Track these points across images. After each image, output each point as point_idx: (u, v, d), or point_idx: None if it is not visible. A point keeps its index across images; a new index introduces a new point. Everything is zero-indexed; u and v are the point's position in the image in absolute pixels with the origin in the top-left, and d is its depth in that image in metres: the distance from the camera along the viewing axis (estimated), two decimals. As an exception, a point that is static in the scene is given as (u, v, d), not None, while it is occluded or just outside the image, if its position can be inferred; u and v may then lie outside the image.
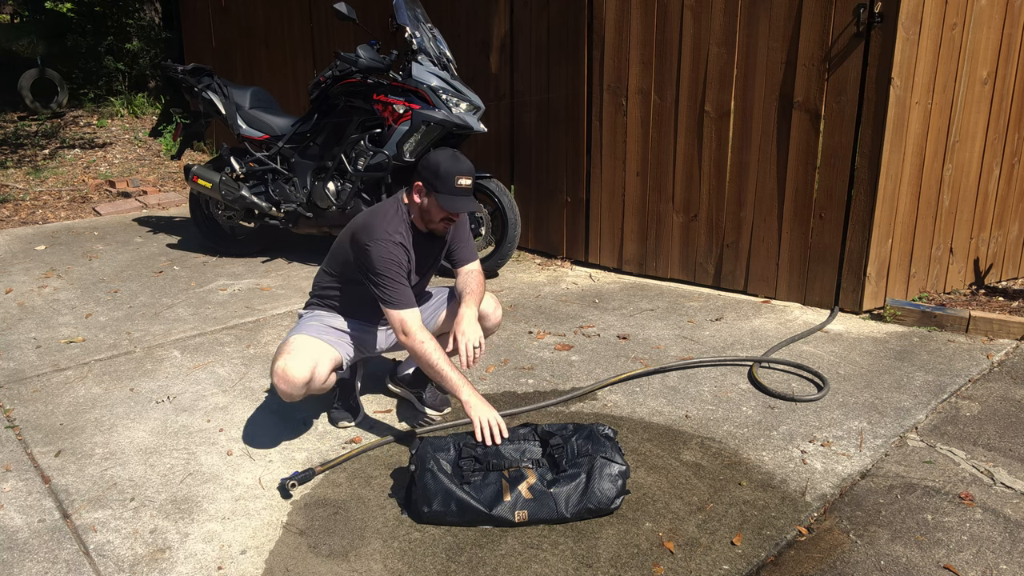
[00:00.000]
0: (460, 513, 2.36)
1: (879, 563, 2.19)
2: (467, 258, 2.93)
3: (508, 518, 2.35)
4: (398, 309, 2.63)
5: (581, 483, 2.37)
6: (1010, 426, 2.91)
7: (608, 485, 2.37)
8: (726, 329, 3.88)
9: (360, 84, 4.50)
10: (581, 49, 4.62)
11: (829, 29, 3.74)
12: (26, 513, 2.48)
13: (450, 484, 2.36)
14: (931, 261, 4.15)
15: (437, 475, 2.37)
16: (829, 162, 3.89)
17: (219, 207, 5.10)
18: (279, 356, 2.67)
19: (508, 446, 2.48)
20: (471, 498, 2.36)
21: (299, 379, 2.62)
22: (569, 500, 2.36)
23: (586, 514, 2.38)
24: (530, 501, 2.36)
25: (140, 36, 9.09)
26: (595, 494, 2.36)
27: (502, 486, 2.39)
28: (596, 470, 2.38)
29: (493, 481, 2.40)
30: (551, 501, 2.36)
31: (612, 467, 2.39)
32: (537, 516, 2.36)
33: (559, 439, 2.48)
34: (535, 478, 2.40)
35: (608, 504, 2.37)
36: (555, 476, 2.40)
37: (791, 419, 3.00)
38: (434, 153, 2.68)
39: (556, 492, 2.36)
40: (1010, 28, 3.93)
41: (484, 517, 2.35)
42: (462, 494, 2.36)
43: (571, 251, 5.03)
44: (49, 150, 7.89)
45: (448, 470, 2.40)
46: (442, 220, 2.70)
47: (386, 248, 2.64)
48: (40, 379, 3.41)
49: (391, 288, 2.63)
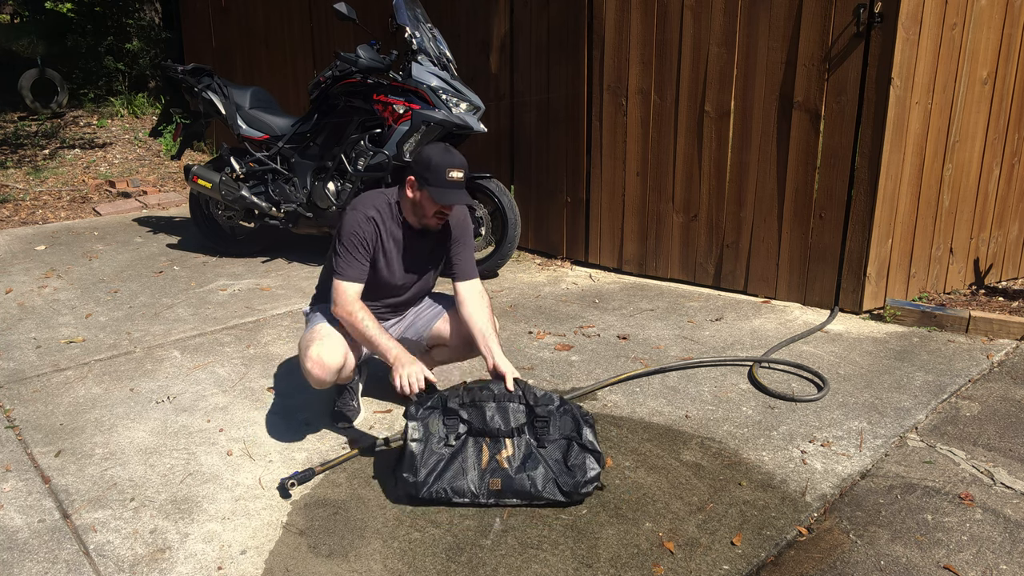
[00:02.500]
0: (439, 477, 2.47)
1: (879, 563, 2.19)
2: (468, 273, 2.88)
3: (483, 486, 2.47)
4: (341, 279, 2.70)
5: (557, 465, 2.48)
6: (1010, 426, 2.91)
7: (580, 472, 2.47)
8: (726, 329, 3.88)
9: (360, 84, 4.50)
10: (581, 49, 4.62)
11: (829, 29, 3.74)
12: (26, 513, 2.48)
13: (430, 451, 2.49)
14: (931, 261, 4.15)
15: (420, 443, 2.49)
16: (829, 162, 3.89)
17: (219, 207, 5.10)
18: (311, 343, 2.70)
19: (493, 405, 2.56)
20: (450, 462, 2.49)
21: (335, 364, 2.68)
22: (545, 479, 2.47)
23: (557, 494, 2.47)
24: (505, 471, 2.47)
25: (140, 36, 9.09)
26: (567, 480, 2.46)
27: (482, 451, 2.51)
28: (573, 456, 2.49)
29: (473, 446, 2.52)
30: (525, 477, 2.47)
31: (589, 458, 2.48)
32: (510, 487, 2.46)
33: (545, 413, 2.55)
34: (512, 450, 2.51)
35: (578, 491, 2.46)
36: (533, 452, 2.51)
37: (791, 419, 3.00)
38: (426, 147, 2.69)
39: (532, 471, 2.48)
40: (1010, 28, 3.93)
41: (461, 481, 2.47)
42: (439, 461, 2.49)
43: (571, 251, 5.03)
44: (49, 150, 7.89)
45: (430, 434, 2.51)
46: (435, 215, 2.70)
47: (355, 219, 2.70)
48: (40, 379, 3.41)
49: (344, 258, 2.70)
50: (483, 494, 2.46)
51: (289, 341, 3.78)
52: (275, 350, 3.68)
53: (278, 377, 3.41)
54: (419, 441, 2.48)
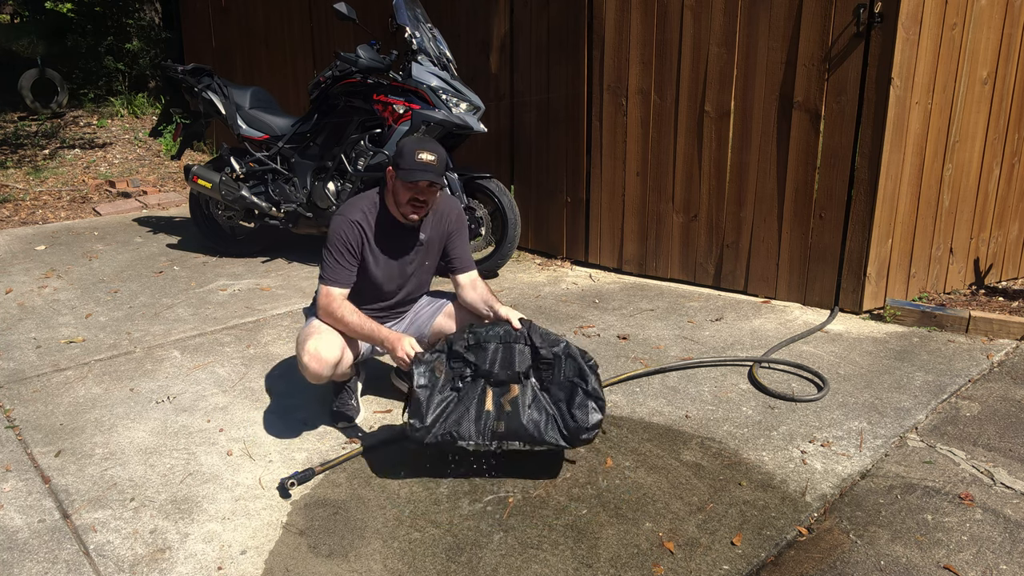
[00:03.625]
0: (444, 421, 2.49)
1: (879, 563, 2.19)
2: (465, 265, 2.94)
3: (487, 429, 2.49)
4: (326, 284, 2.74)
5: (561, 410, 2.51)
6: (1010, 426, 2.91)
7: (582, 417, 2.48)
8: (726, 329, 3.88)
9: (360, 84, 4.50)
10: (581, 49, 4.62)
11: (829, 29, 3.74)
12: (26, 513, 2.47)
13: (437, 396, 2.51)
14: (931, 261, 4.14)
15: (426, 389, 2.51)
16: (829, 162, 3.89)
17: (219, 207, 5.10)
18: (308, 338, 2.71)
19: (500, 347, 2.57)
20: (456, 406, 2.51)
21: (331, 359, 2.69)
22: (548, 424, 2.50)
23: (559, 439, 2.49)
24: (509, 414, 2.49)
25: (140, 36, 9.09)
26: (570, 425, 2.49)
27: (487, 394, 2.52)
28: (577, 401, 2.50)
29: (479, 388, 2.53)
30: (529, 421, 2.49)
31: (592, 404, 2.50)
32: (513, 430, 2.48)
33: (550, 355, 2.55)
34: (517, 392, 2.53)
35: (579, 436, 2.49)
36: (538, 395, 2.54)
37: (791, 419, 3.00)
38: (405, 139, 2.72)
39: (536, 414, 2.50)
40: (1010, 28, 3.93)
41: (466, 424, 2.48)
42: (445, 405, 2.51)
43: (571, 251, 5.03)
44: (49, 150, 7.89)
45: (436, 379, 2.52)
46: (409, 201, 2.70)
47: (340, 223, 2.73)
48: (40, 379, 3.41)
49: (329, 263, 2.73)
50: (487, 436, 2.48)
51: (289, 341, 3.78)
52: (275, 350, 3.68)
53: (278, 377, 3.41)
54: (425, 387, 2.49)
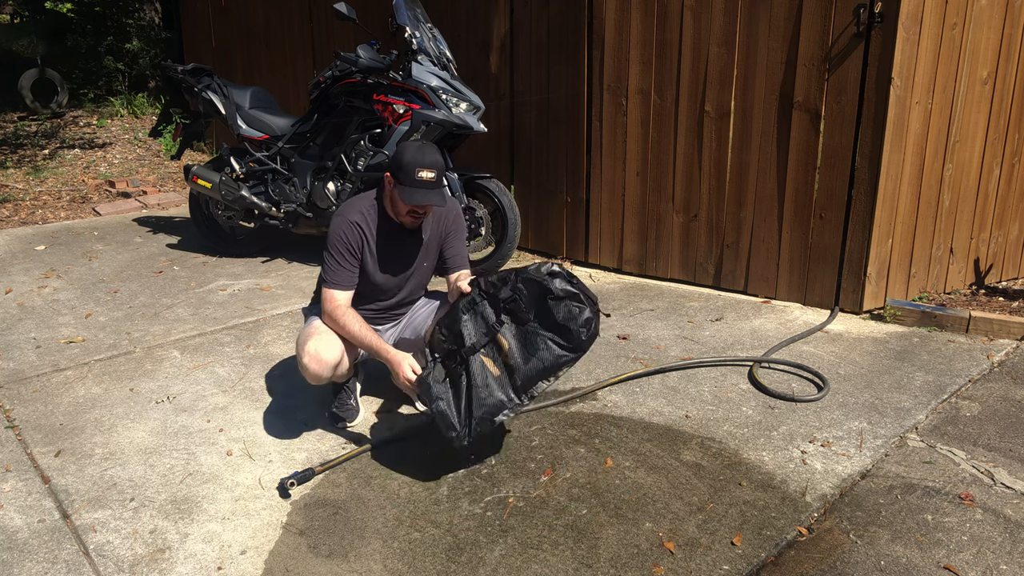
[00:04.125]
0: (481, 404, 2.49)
1: (879, 563, 2.19)
2: (460, 264, 2.94)
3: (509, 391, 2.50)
4: (329, 288, 2.73)
5: (551, 329, 2.51)
6: (1010, 426, 2.91)
7: (569, 319, 2.50)
8: (726, 329, 3.88)
9: (360, 84, 4.49)
10: (581, 49, 4.62)
11: (829, 29, 3.74)
12: (26, 513, 2.47)
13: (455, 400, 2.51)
14: (931, 261, 4.14)
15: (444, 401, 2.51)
16: (829, 162, 3.89)
17: (219, 207, 5.10)
18: (308, 339, 2.71)
19: (467, 317, 2.58)
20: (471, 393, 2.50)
21: (331, 360, 2.70)
22: (549, 349, 2.50)
23: (567, 354, 2.50)
24: (515, 365, 2.51)
25: (140, 36, 9.09)
26: (567, 335, 2.49)
27: (486, 365, 2.53)
28: (557, 312, 2.50)
29: (478, 365, 2.54)
30: (534, 359, 2.50)
31: (571, 305, 2.50)
32: (528, 376, 2.50)
33: (507, 295, 2.56)
34: (507, 343, 2.53)
35: (580, 339, 2.49)
36: (525, 332, 2.54)
37: (791, 419, 2.99)
38: (403, 144, 2.70)
39: (536, 349, 2.51)
40: (1010, 28, 3.93)
41: (490, 401, 2.49)
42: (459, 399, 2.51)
43: (571, 251, 5.03)
44: (49, 150, 7.89)
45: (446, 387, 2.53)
46: (408, 213, 2.70)
47: (339, 225, 2.72)
48: (40, 379, 3.41)
49: (331, 265, 2.73)
50: (514, 396, 2.51)
51: (289, 341, 3.78)
52: (275, 350, 3.68)
53: (278, 377, 3.41)
54: (443, 400, 2.51)
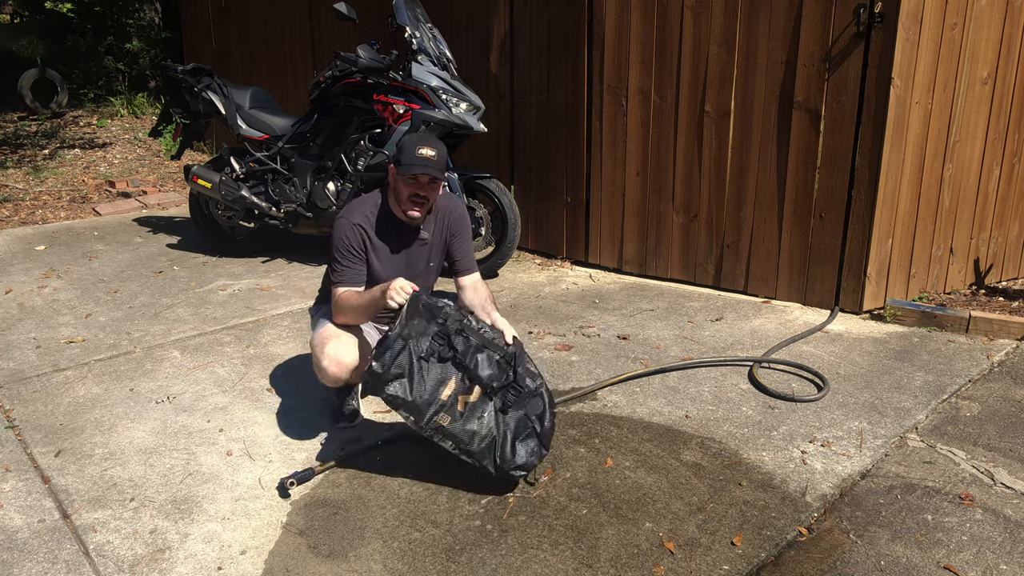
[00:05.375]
0: (405, 383, 2.44)
1: (879, 563, 2.19)
2: (468, 267, 2.93)
3: (432, 415, 2.44)
4: (338, 286, 2.73)
5: (504, 438, 2.49)
6: (1010, 426, 2.91)
7: (521, 453, 2.50)
8: (726, 329, 3.88)
9: (360, 84, 4.50)
10: (581, 49, 4.62)
11: (829, 29, 3.74)
12: (26, 513, 2.47)
13: (407, 356, 2.46)
14: (931, 261, 4.14)
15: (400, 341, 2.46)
16: (829, 162, 3.89)
17: (219, 207, 5.10)
18: (327, 341, 2.71)
19: (487, 353, 2.56)
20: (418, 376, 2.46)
21: (351, 362, 2.70)
22: (484, 441, 2.47)
23: (488, 463, 2.48)
24: (459, 414, 2.47)
25: (140, 36, 9.09)
26: (507, 454, 2.48)
27: (449, 383, 2.49)
28: (523, 436, 2.52)
29: (449, 374, 2.50)
30: (471, 431, 2.46)
31: (531, 444, 2.53)
32: (453, 431, 2.45)
33: (524, 388, 2.56)
34: (476, 399, 2.50)
35: (508, 470, 2.48)
36: (492, 412, 2.51)
37: (791, 419, 2.99)
38: (406, 137, 2.73)
39: (479, 428, 2.47)
40: (1010, 28, 3.93)
41: (419, 400, 2.44)
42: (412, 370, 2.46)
43: (571, 251, 5.03)
44: (49, 150, 7.89)
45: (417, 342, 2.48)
46: (410, 197, 2.69)
47: (342, 227, 2.73)
48: (40, 379, 3.41)
49: (337, 268, 2.73)
50: (429, 422, 2.44)
51: (289, 341, 3.78)
52: (275, 350, 3.68)
53: (278, 377, 3.41)
54: (401, 338, 2.46)
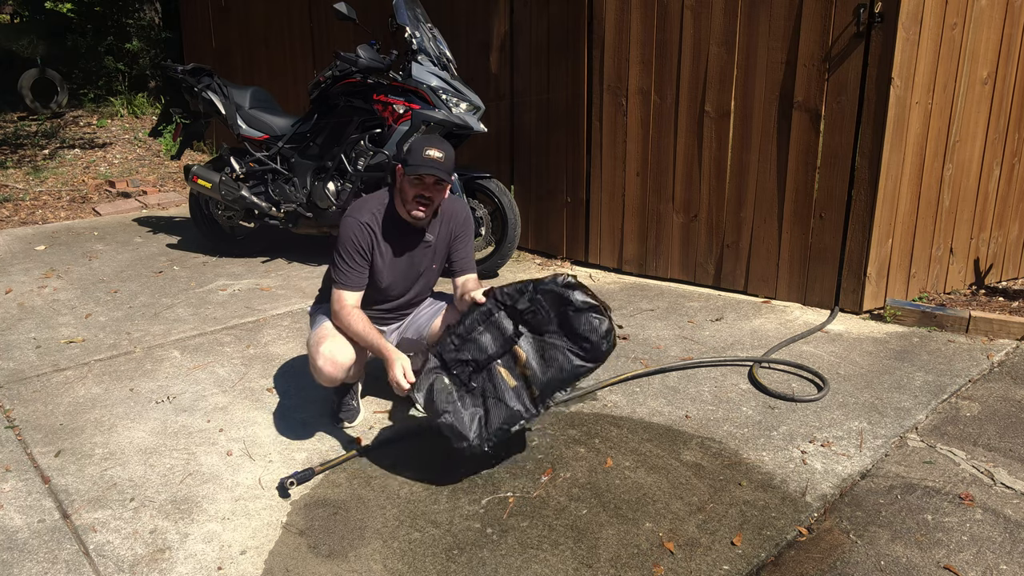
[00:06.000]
0: (489, 423, 2.48)
1: (879, 563, 2.19)
2: (466, 268, 2.95)
3: (525, 402, 2.49)
4: (339, 288, 2.74)
5: (570, 340, 2.52)
6: (1010, 426, 2.91)
7: (589, 331, 2.50)
8: (726, 329, 3.88)
9: (360, 84, 4.49)
10: (581, 49, 4.62)
11: (829, 29, 3.74)
12: (26, 513, 2.47)
13: (463, 410, 2.49)
14: (931, 261, 4.14)
15: (450, 415, 2.48)
16: (829, 162, 3.89)
17: (219, 207, 5.10)
18: (322, 341, 2.72)
19: (482, 329, 2.57)
20: (487, 405, 2.50)
21: (346, 362, 2.71)
22: (567, 360, 2.50)
23: (586, 364, 2.50)
24: (532, 376, 2.51)
25: (140, 36, 9.09)
26: (585, 347, 2.50)
27: (502, 375, 2.53)
28: (577, 323, 2.51)
29: (493, 374, 2.53)
30: (552, 370, 2.50)
31: (591, 316, 2.52)
32: (546, 387, 2.49)
33: (526, 305, 2.56)
34: (525, 354, 2.53)
35: (600, 351, 2.50)
36: (543, 343, 2.54)
37: (791, 419, 2.99)
38: (414, 138, 2.73)
39: (553, 360, 2.50)
40: (1010, 28, 3.93)
41: (506, 413, 2.49)
42: (475, 412, 2.50)
43: (571, 251, 5.03)
44: (49, 150, 7.89)
45: (449, 393, 2.51)
46: (415, 198, 2.70)
47: (350, 225, 2.74)
48: (40, 379, 3.41)
49: (340, 267, 2.74)
50: (531, 407, 2.50)
51: (289, 341, 3.78)
52: (275, 350, 3.68)
53: (278, 377, 3.41)
54: (448, 413, 2.48)
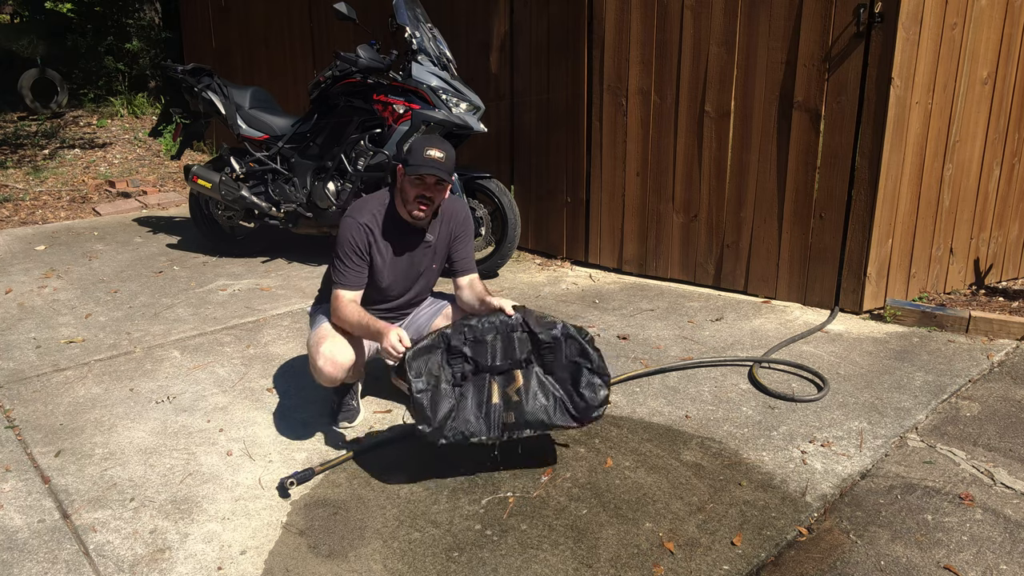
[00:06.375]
0: (455, 423, 2.46)
1: (879, 563, 2.19)
2: (467, 268, 2.95)
3: (496, 421, 2.47)
4: (337, 288, 2.74)
5: (567, 391, 2.52)
6: (1010, 426, 2.91)
7: (591, 395, 2.50)
8: (726, 329, 3.88)
9: (360, 84, 4.49)
10: (581, 49, 4.62)
11: (829, 29, 3.74)
12: (26, 513, 2.47)
13: (440, 397, 2.47)
14: (931, 261, 4.14)
15: (425, 393, 2.46)
16: (829, 162, 3.89)
17: (219, 207, 5.10)
18: (322, 341, 2.72)
19: (497, 338, 2.55)
20: (462, 404, 2.49)
21: (346, 362, 2.71)
22: (556, 407, 2.50)
23: (569, 420, 2.51)
24: (518, 404, 2.48)
25: (140, 36, 9.09)
26: (579, 404, 2.50)
27: (491, 387, 2.50)
28: (583, 381, 2.52)
29: (482, 383, 2.51)
30: (538, 408, 2.49)
31: (598, 381, 2.52)
32: (523, 418, 2.47)
33: (549, 338, 2.55)
34: (522, 381, 2.52)
35: (589, 415, 2.50)
36: (543, 380, 2.54)
37: (791, 419, 2.99)
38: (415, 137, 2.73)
39: (544, 400, 2.50)
40: (1010, 28, 3.93)
41: (474, 421, 2.47)
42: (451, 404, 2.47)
43: (571, 251, 5.03)
44: (49, 150, 7.89)
45: (436, 379, 2.48)
46: (416, 199, 2.70)
47: (348, 226, 2.74)
48: (40, 379, 3.41)
49: (339, 267, 2.74)
50: (498, 428, 2.47)
51: (289, 341, 3.78)
52: (275, 350, 3.68)
53: (278, 377, 3.41)
54: (425, 391, 2.47)
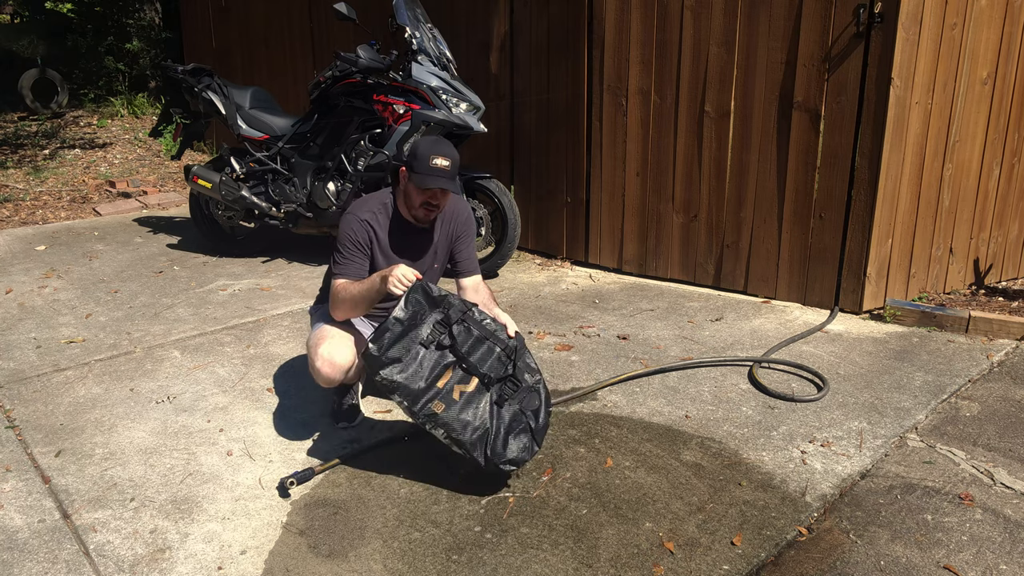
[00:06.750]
0: (399, 366, 2.44)
1: (879, 563, 2.19)
2: (470, 269, 2.95)
3: (426, 402, 2.44)
4: (338, 278, 2.73)
5: (497, 430, 2.48)
6: (1010, 426, 2.91)
7: (513, 447, 2.48)
8: (726, 329, 3.88)
9: (360, 84, 4.50)
10: (581, 49, 4.62)
11: (829, 29, 3.74)
12: (26, 513, 2.48)
13: (408, 342, 2.46)
14: (931, 261, 4.14)
15: (399, 324, 2.45)
16: (829, 162, 3.89)
17: (219, 207, 5.10)
18: (321, 342, 2.73)
19: (487, 344, 2.54)
20: (415, 362, 2.45)
21: (344, 363, 2.71)
22: (476, 433, 2.46)
23: (479, 454, 2.46)
24: (454, 403, 2.46)
25: (140, 36, 9.09)
26: (498, 448, 2.46)
27: (446, 373, 2.48)
28: (516, 430, 2.50)
29: (445, 362, 2.49)
30: (464, 420, 2.45)
31: (524, 439, 2.50)
32: (446, 419, 2.44)
33: (522, 383, 2.54)
34: (473, 390, 2.49)
35: (498, 463, 2.46)
36: (487, 405, 2.50)
37: (791, 419, 3.00)
38: (420, 139, 2.71)
39: (473, 419, 2.46)
40: (1010, 28, 3.93)
41: (414, 383, 2.44)
42: (407, 353, 2.45)
43: (571, 251, 5.03)
44: (49, 150, 7.89)
45: (415, 327, 2.47)
46: (422, 205, 2.70)
47: (349, 222, 2.74)
48: (40, 379, 3.41)
49: (340, 261, 2.74)
50: (422, 409, 2.43)
51: (289, 341, 3.78)
52: (275, 350, 3.68)
53: (278, 377, 3.41)
54: (400, 322, 2.45)
